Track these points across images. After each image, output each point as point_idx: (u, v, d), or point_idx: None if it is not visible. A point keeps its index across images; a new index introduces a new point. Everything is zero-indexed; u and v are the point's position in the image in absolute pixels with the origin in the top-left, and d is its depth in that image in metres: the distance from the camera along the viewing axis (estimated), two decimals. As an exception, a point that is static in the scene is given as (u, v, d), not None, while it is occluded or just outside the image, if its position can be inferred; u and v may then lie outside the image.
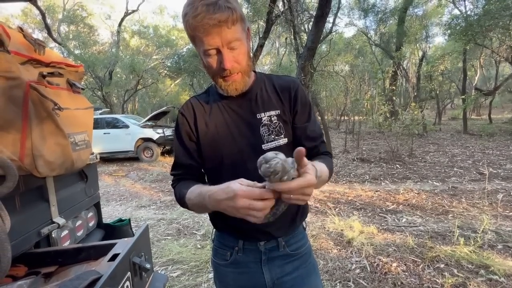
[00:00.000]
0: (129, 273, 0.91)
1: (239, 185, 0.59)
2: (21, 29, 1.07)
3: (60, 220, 1.17)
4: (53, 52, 1.23)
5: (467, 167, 5.27)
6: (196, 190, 0.74)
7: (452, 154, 6.52)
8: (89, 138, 1.27)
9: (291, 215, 0.86)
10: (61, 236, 1.21)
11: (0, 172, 0.78)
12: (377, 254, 2.42)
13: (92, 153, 1.39)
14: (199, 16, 0.65)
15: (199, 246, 2.81)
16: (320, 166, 0.71)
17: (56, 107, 0.98)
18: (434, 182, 4.51)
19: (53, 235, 1.17)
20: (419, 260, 2.28)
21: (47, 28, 12.36)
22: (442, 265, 2.19)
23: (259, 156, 0.79)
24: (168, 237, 3.10)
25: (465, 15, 9.30)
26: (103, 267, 0.89)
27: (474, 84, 14.20)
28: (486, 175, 4.14)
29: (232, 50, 0.70)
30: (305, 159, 0.55)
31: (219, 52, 0.69)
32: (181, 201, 0.80)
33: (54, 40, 13.32)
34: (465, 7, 10.34)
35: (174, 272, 2.36)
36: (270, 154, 0.53)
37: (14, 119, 0.89)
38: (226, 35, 0.67)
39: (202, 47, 0.70)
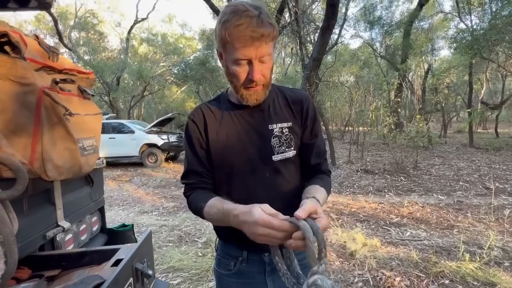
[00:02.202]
0: (131, 279, 0.91)
1: (260, 212, 0.60)
2: (36, 37, 1.11)
3: (65, 224, 1.18)
4: (66, 59, 1.27)
5: (473, 181, 5.21)
6: (216, 205, 0.73)
7: (458, 168, 6.45)
8: (97, 144, 1.29)
9: None
10: (65, 239, 1.22)
11: (11, 174, 0.80)
12: (380, 267, 2.38)
13: (99, 158, 1.41)
14: (241, 26, 0.66)
15: (200, 254, 2.80)
16: (322, 195, 0.75)
17: (67, 112, 1.01)
18: (439, 196, 4.45)
19: (57, 239, 1.18)
20: (423, 275, 2.24)
21: (59, 34, 12.68)
22: (446, 281, 2.14)
23: (269, 166, 0.81)
24: (170, 244, 3.09)
25: (471, 29, 9.34)
26: (106, 272, 0.89)
27: (480, 98, 14.13)
28: (492, 190, 4.09)
29: (262, 63, 0.72)
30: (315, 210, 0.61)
31: (250, 63, 0.71)
32: (197, 212, 0.79)
33: (65, 46, 13.64)
34: (471, 21, 10.39)
35: (175, 280, 2.34)
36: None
37: (27, 123, 0.92)
38: (261, 50, 0.69)
39: (233, 55, 0.71)
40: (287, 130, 0.83)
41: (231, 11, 0.68)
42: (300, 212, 0.58)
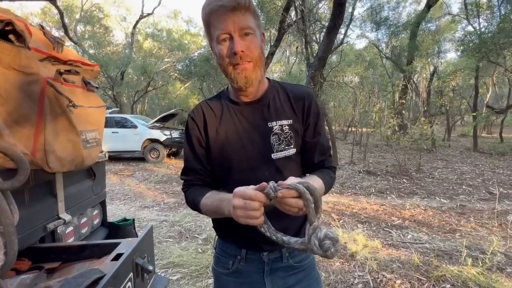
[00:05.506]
0: (131, 274, 0.90)
1: (238, 187, 0.62)
2: (42, 27, 1.10)
3: (66, 216, 1.18)
4: (71, 50, 1.26)
5: (476, 186, 5.16)
6: (213, 196, 0.75)
7: (461, 172, 6.40)
8: (100, 136, 1.29)
9: (296, 227, 0.85)
10: (66, 232, 1.22)
11: (12, 165, 0.79)
12: (380, 269, 2.37)
13: (102, 151, 1.40)
14: (215, 2, 0.69)
15: (200, 251, 2.79)
16: (315, 182, 0.74)
17: (70, 104, 1.00)
18: (442, 199, 4.42)
19: (58, 231, 1.17)
20: (424, 279, 2.22)
21: (64, 27, 12.69)
22: (448, 285, 2.12)
23: (268, 165, 0.80)
24: (170, 240, 3.09)
25: (478, 32, 9.23)
26: (106, 266, 0.88)
27: (485, 102, 14.01)
28: (496, 195, 4.05)
29: (245, 37, 0.71)
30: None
31: (231, 39, 0.71)
32: (195, 206, 0.80)
33: (70, 39, 13.65)
34: (479, 24, 10.26)
35: (174, 276, 2.34)
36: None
37: (30, 114, 0.91)
38: (239, 21, 0.69)
39: (215, 33, 0.71)
40: (287, 127, 0.81)
41: None
42: (288, 180, 0.60)
